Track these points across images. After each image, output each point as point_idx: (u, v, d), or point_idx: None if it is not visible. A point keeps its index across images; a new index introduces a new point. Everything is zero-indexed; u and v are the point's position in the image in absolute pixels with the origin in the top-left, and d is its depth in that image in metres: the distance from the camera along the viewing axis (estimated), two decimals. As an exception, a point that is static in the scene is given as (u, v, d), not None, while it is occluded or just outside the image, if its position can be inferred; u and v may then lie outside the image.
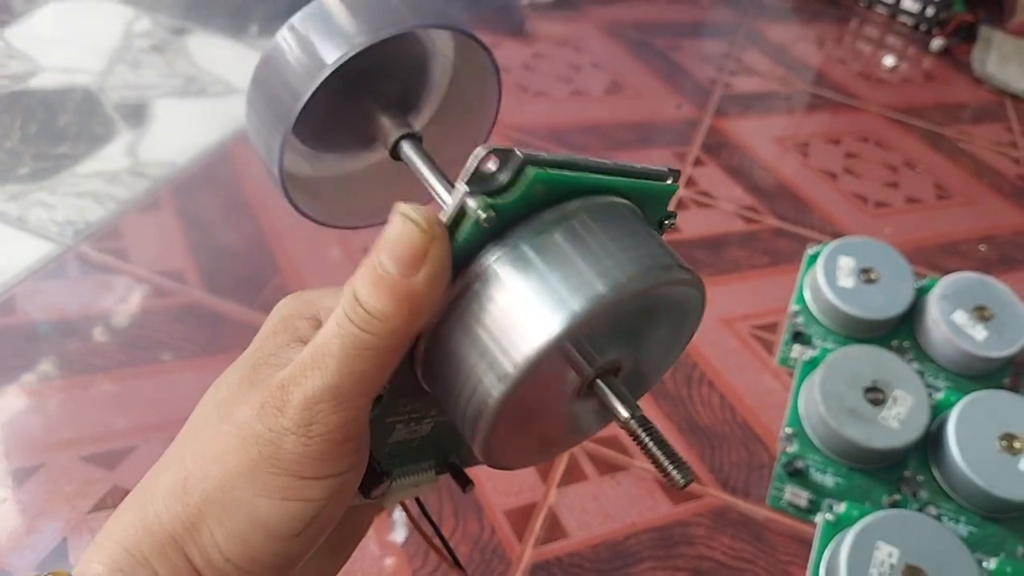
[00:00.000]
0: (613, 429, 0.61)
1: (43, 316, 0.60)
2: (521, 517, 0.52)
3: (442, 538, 0.34)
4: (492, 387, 0.22)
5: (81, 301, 0.62)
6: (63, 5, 0.96)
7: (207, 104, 0.84)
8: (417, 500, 0.34)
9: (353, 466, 0.23)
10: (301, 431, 0.22)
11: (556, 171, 0.23)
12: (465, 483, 0.31)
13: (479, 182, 0.22)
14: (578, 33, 1.11)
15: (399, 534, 0.50)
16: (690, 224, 0.80)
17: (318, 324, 0.25)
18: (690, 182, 0.86)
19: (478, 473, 0.53)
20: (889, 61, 1.23)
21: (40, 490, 0.50)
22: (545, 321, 0.21)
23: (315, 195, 0.35)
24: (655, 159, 0.86)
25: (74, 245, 0.66)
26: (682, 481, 0.23)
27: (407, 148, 0.31)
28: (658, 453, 0.23)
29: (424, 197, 0.30)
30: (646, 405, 0.60)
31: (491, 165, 0.22)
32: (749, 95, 1.05)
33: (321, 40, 0.29)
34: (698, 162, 0.89)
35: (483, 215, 0.22)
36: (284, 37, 0.30)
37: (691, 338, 0.27)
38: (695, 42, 1.16)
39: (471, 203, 0.22)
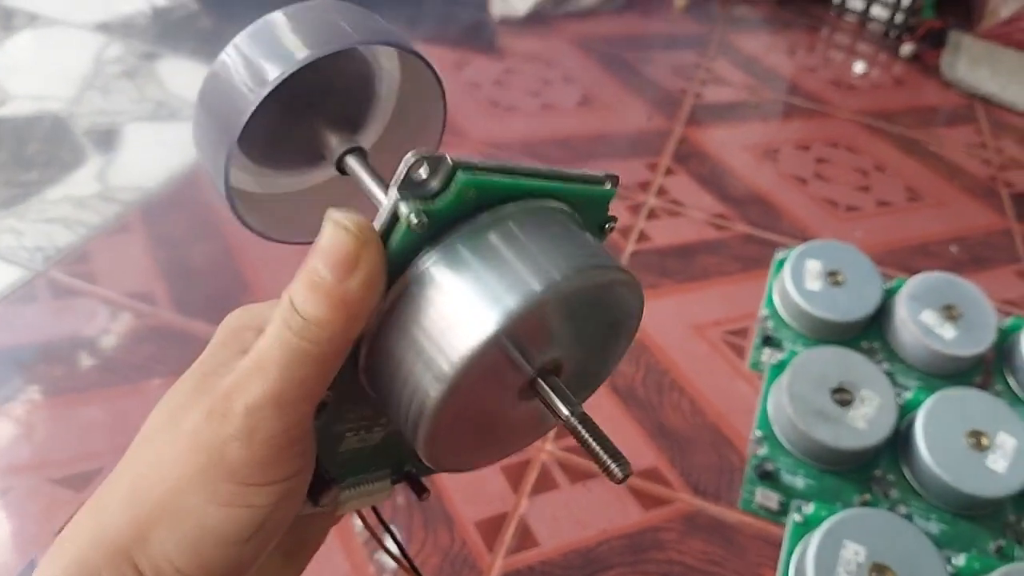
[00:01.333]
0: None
1: (13, 340, 0.60)
2: (492, 527, 0.52)
3: (400, 547, 0.34)
4: (430, 387, 0.22)
5: (51, 325, 0.62)
6: (35, 32, 0.97)
7: (177, 128, 0.84)
8: (374, 509, 0.34)
9: (299, 471, 0.24)
10: (244, 437, 0.22)
11: (487, 176, 0.23)
12: (420, 491, 0.31)
13: (412, 188, 0.22)
14: (549, 48, 1.12)
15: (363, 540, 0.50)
16: (661, 232, 0.80)
17: None
18: (661, 191, 0.86)
19: (447, 485, 0.54)
20: (859, 68, 1.24)
21: (8, 513, 0.49)
22: (481, 319, 0.21)
23: (267, 212, 0.35)
24: (625, 169, 0.87)
25: (44, 270, 0.66)
26: (620, 475, 0.23)
27: (352, 162, 0.32)
28: (597, 448, 0.23)
29: (373, 211, 0.30)
30: (617, 412, 0.61)
31: (422, 172, 0.22)
32: (720, 105, 1.06)
33: (264, 57, 0.30)
34: (668, 171, 0.90)
35: (415, 220, 0.22)
36: (229, 55, 0.31)
37: (632, 339, 0.27)
38: (665, 55, 1.17)
39: (403, 208, 0.22)
